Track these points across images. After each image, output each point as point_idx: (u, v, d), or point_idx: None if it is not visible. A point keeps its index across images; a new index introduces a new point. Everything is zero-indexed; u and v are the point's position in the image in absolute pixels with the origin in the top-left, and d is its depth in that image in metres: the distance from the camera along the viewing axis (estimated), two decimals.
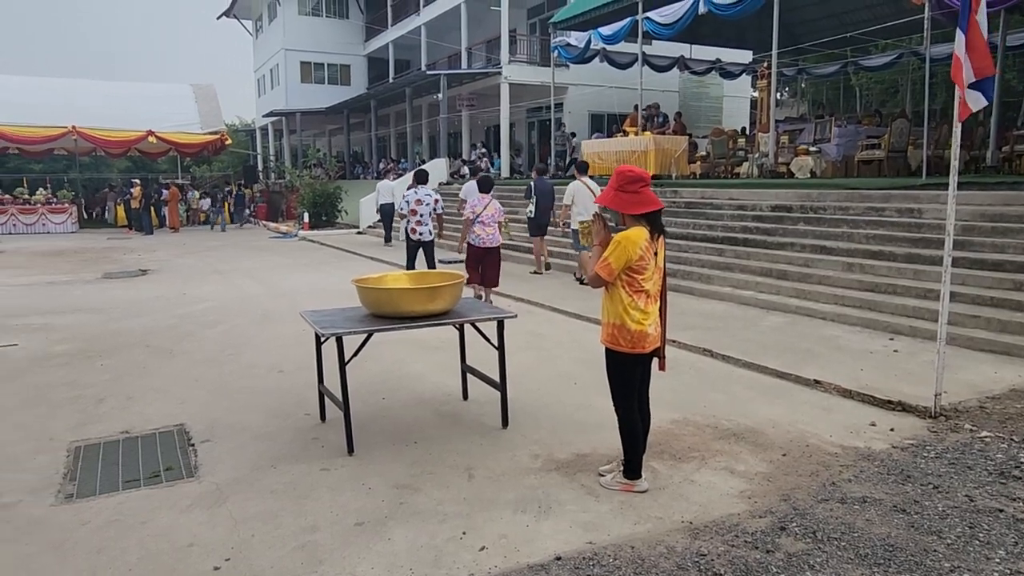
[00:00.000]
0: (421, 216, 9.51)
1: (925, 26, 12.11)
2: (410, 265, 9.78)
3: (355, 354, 4.30)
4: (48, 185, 27.34)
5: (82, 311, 9.14)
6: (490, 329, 4.68)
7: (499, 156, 22.47)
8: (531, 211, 11.47)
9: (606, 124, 21.86)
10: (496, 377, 4.77)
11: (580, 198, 10.29)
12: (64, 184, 28.11)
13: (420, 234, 9.58)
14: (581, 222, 10.15)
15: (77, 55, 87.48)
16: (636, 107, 16.56)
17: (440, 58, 26.83)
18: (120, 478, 4.01)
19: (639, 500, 3.64)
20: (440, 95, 21.82)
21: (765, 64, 15.12)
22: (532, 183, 11.81)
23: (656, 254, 3.66)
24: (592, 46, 16.88)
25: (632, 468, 3.78)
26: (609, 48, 17.50)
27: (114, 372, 6.20)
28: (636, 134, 15.74)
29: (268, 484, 3.88)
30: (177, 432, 4.70)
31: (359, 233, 20.57)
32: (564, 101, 21.57)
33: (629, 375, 3.74)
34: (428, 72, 22.78)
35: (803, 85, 27.98)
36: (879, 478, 3.83)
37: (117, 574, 3.02)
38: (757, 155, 13.94)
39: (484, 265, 8.84)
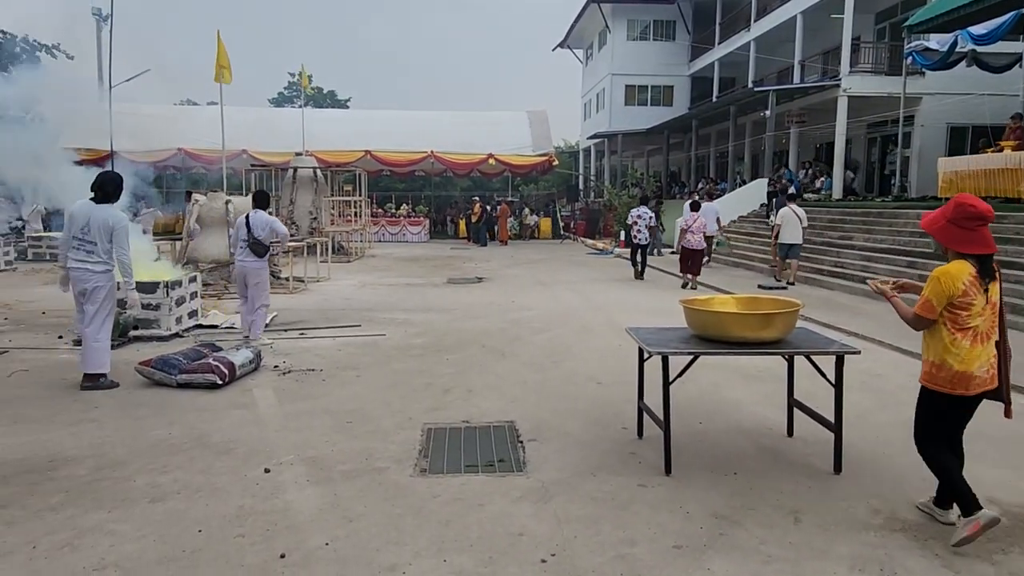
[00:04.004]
0: (638, 227, 14.36)
1: None
2: (633, 259, 14.68)
3: (679, 375, 4.28)
4: (409, 201, 32.33)
5: (432, 310, 10.55)
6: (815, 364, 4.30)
7: (829, 176, 20.70)
8: (773, 222, 14.11)
9: (969, 138, 18.81)
10: (828, 415, 4.38)
11: (788, 221, 12.91)
12: (420, 200, 33.01)
13: (638, 239, 14.44)
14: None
15: (435, 89, 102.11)
16: (1017, 116, 13.93)
17: (768, 73, 25.68)
18: (462, 462, 4.51)
19: None
20: (767, 112, 20.85)
21: None
22: (774, 202, 15.45)
23: (987, 291, 3.37)
24: (958, 48, 14.68)
25: (967, 502, 3.34)
26: (981, 49, 15.04)
27: (457, 366, 7.03)
28: (1014, 149, 13.23)
29: (588, 490, 4.04)
30: (508, 428, 5.15)
31: (673, 252, 20.53)
32: (916, 113, 19.09)
33: (942, 418, 3.49)
34: (756, 89, 21.93)
35: None
36: None
37: (461, 546, 3.39)
38: None
39: (691, 261, 13.25)
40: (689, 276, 13.23)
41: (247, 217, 8.02)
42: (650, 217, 14.61)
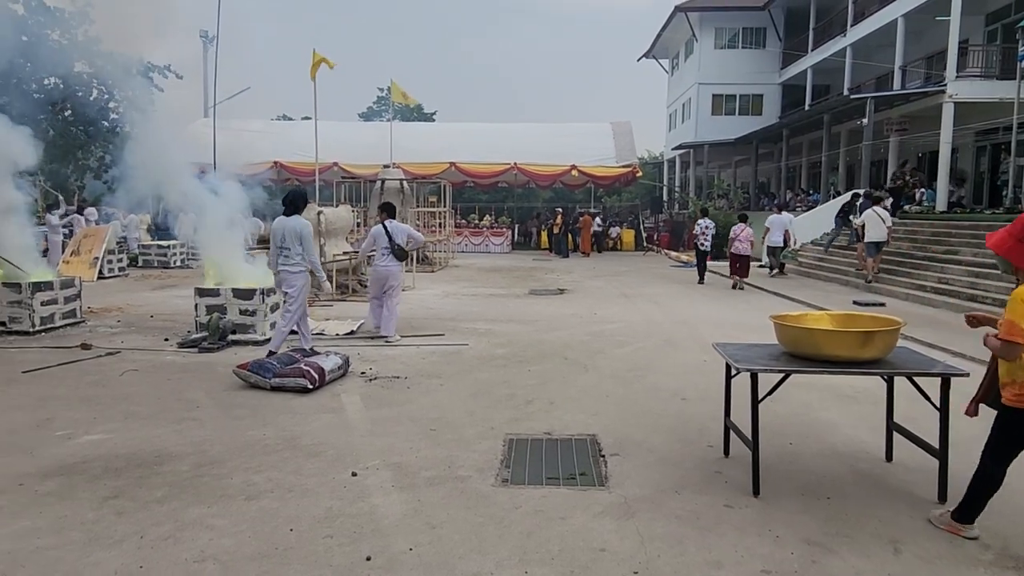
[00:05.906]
0: (706, 236, 16.19)
1: None
2: (699, 266, 16.36)
3: (769, 393, 4.14)
4: (492, 212, 32.70)
5: (515, 321, 10.61)
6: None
7: (928, 187, 19.59)
8: (857, 223, 15.19)
9: None
10: (931, 440, 4.13)
11: (871, 222, 14.06)
12: (503, 211, 33.34)
13: (704, 246, 16.22)
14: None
15: (520, 101, 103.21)
16: None
17: (865, 80, 24.60)
18: (543, 473, 4.50)
19: None
20: (864, 120, 19.99)
21: None
22: (858, 205, 16.60)
23: None
24: None
25: (972, 512, 3.56)
26: None
27: (540, 378, 7.03)
28: None
29: (672, 508, 3.95)
30: (590, 441, 5.10)
31: (760, 266, 19.89)
32: None
33: None
34: (852, 96, 21.06)
35: None
36: None
37: (542, 559, 3.38)
38: None
39: (740, 265, 15.02)
40: (737, 277, 15.04)
41: (384, 226, 8.97)
42: (715, 227, 16.75)
